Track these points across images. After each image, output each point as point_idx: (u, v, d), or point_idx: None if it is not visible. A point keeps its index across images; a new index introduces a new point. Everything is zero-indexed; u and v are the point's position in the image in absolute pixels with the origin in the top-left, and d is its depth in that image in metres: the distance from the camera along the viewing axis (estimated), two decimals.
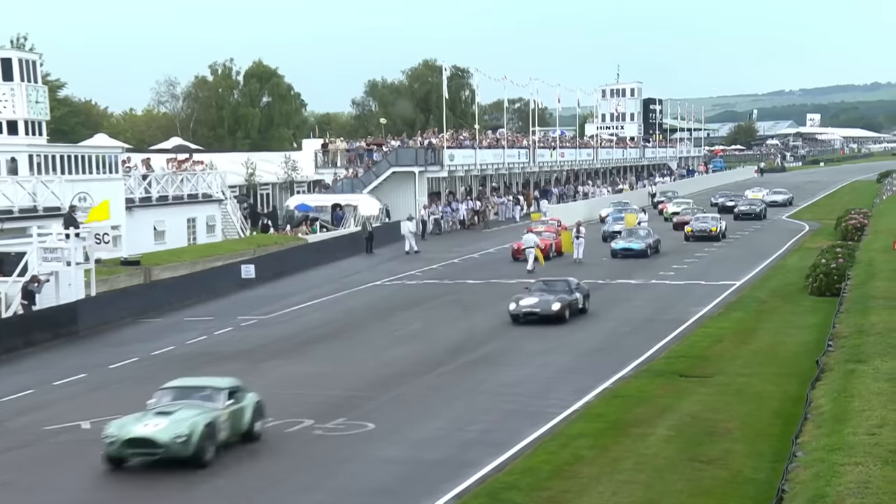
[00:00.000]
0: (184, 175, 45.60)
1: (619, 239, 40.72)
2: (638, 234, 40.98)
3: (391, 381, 20.43)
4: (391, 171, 55.48)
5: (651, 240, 40.37)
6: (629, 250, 39.51)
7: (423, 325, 27.10)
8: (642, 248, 39.53)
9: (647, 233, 41.08)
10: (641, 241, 39.98)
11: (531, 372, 20.92)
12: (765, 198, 67.22)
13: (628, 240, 40.25)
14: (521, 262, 37.79)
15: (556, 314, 25.40)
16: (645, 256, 38.98)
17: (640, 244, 39.72)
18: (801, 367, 19.81)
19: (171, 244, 42.01)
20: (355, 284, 35.77)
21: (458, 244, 48.11)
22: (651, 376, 19.96)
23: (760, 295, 29.92)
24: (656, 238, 41.09)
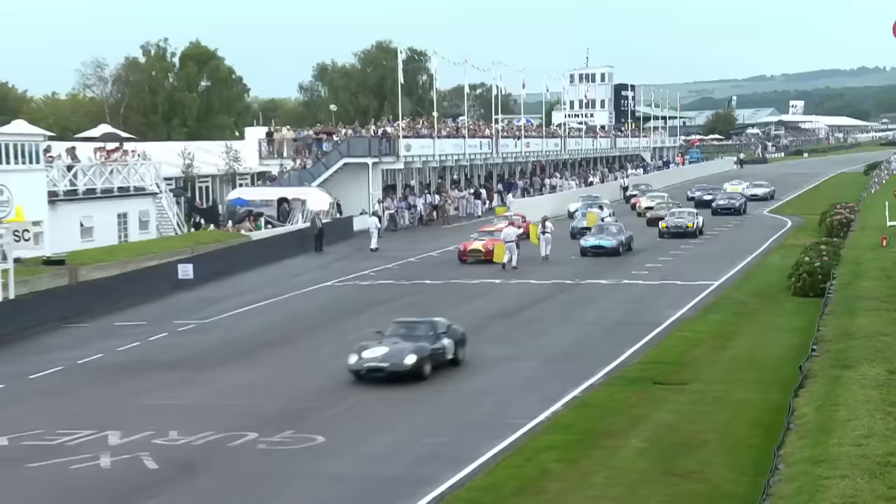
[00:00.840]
0: (114, 166, 45.12)
1: (589, 236, 40.90)
2: (609, 230, 41.18)
3: (343, 390, 20.37)
4: (342, 162, 55.33)
5: (623, 237, 40.55)
6: (600, 248, 39.64)
7: (377, 329, 27.05)
8: (614, 246, 39.64)
9: (618, 229, 41.27)
10: (613, 237, 40.12)
11: (494, 379, 20.96)
12: (745, 191, 67.82)
13: (599, 236, 40.35)
14: (470, 264, 37.34)
15: (411, 370, 20.39)
16: (616, 254, 39.19)
17: (611, 241, 39.87)
18: (783, 374, 20.01)
19: (99, 242, 41.57)
20: (304, 285, 35.64)
21: (415, 241, 48.10)
22: (623, 384, 20.08)
23: (740, 296, 30.20)
24: (629, 235, 41.32)
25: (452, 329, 22.26)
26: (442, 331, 21.81)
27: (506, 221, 46.05)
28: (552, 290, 32.72)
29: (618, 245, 39.76)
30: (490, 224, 47.15)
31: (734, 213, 57.26)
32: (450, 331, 22.08)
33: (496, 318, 28.17)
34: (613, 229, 41.38)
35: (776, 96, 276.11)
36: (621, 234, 40.70)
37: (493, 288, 33.77)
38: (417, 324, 21.89)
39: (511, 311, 29.19)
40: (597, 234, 40.78)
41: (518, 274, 36.43)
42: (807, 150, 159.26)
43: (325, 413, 18.73)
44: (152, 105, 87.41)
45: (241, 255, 41.47)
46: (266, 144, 59.01)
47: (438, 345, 21.33)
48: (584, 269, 37.16)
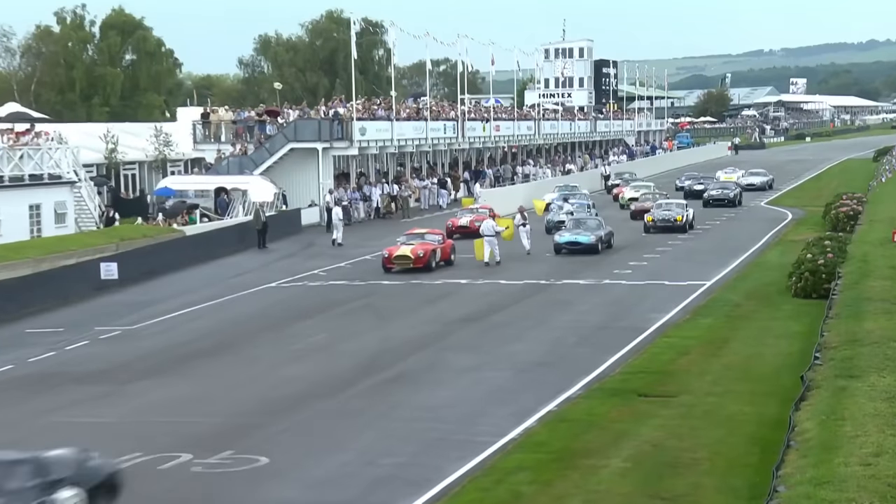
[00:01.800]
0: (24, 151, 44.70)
1: (565, 231, 40.95)
2: (587, 224, 41.26)
3: (288, 405, 20.33)
4: (288, 147, 55.18)
5: (602, 232, 40.65)
6: (576, 244, 39.70)
7: (327, 336, 27.04)
8: (592, 242, 39.70)
9: (597, 223, 41.37)
10: (591, 232, 40.19)
11: (459, 392, 20.99)
12: (740, 180, 68.39)
13: (575, 231, 40.37)
14: (395, 273, 37.22)
15: None
16: (595, 252, 39.33)
17: (588, 237, 39.93)
18: (782, 385, 20.16)
19: (8, 237, 41.20)
20: (244, 287, 35.57)
21: (370, 237, 48.08)
22: (604, 396, 20.16)
23: (734, 297, 30.42)
24: (608, 230, 41.49)
25: (87, 468, 13.74)
26: (58, 476, 13.20)
27: (471, 215, 46.40)
28: (524, 292, 32.81)
29: (596, 241, 39.79)
30: (463, 214, 47.39)
31: (728, 204, 57.70)
32: (81, 473, 13.53)
33: (461, 322, 28.20)
34: (592, 223, 41.44)
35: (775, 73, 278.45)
36: (600, 228, 40.81)
37: (458, 289, 33.81)
38: (9, 466, 12.93)
39: (478, 314, 29.24)
40: (573, 228, 40.81)
41: (486, 273, 36.49)
42: (809, 133, 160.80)
43: (268, 430, 18.68)
44: (68, 81, 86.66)
45: (173, 252, 41.28)
46: (201, 127, 58.72)
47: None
48: (559, 267, 37.28)
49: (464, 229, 45.82)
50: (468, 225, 45.69)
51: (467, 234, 44.94)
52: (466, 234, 45.11)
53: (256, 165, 54.47)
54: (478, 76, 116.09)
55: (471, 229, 44.68)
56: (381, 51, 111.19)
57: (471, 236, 43.54)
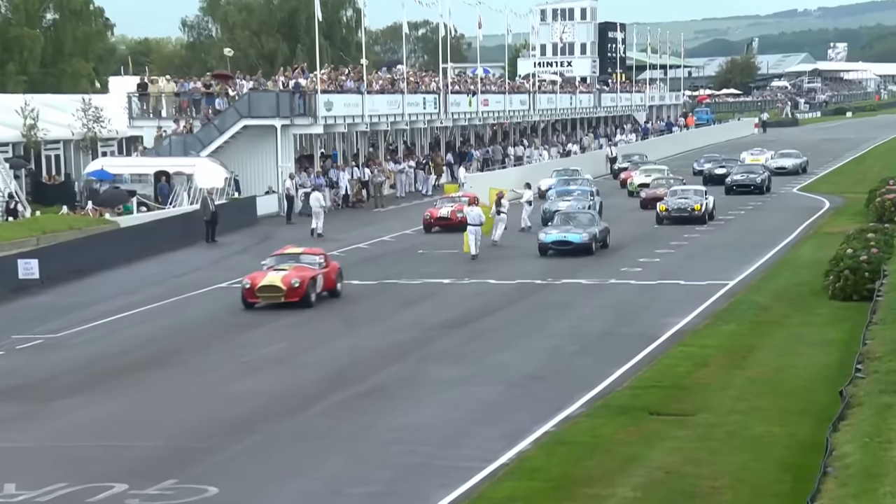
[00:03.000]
0: None
1: (551, 227, 40.16)
2: (578, 219, 40.39)
3: (242, 425, 20.32)
4: (241, 124, 55.09)
5: (596, 228, 39.73)
6: (565, 244, 38.80)
7: (287, 345, 27.03)
8: (584, 241, 38.76)
9: (590, 218, 40.71)
10: (583, 229, 39.29)
11: (442, 410, 21.00)
12: (768, 163, 68.59)
13: (564, 228, 39.52)
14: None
15: None
16: (588, 252, 38.53)
17: (580, 234, 39.01)
18: (817, 401, 20.24)
19: None
20: (190, 288, 35.54)
21: (338, 230, 48.05)
22: (609, 415, 20.20)
23: (761, 299, 30.52)
24: (604, 226, 40.54)
25: None
26: None
27: (453, 205, 46.35)
28: (517, 293, 32.85)
29: (589, 240, 38.90)
30: (443, 203, 47.21)
31: (754, 191, 57.90)
32: None
33: (444, 329, 28.23)
34: (583, 218, 40.53)
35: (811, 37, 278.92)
36: (594, 224, 39.98)
37: (441, 289, 33.83)
38: None
39: (464, 319, 29.26)
40: (562, 224, 39.99)
41: (473, 271, 36.52)
42: (850, 108, 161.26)
43: (218, 456, 18.67)
44: None
45: (106, 247, 41.17)
46: (138, 100, 58.58)
47: None
48: (556, 265, 37.33)
49: (444, 221, 45.92)
50: (449, 216, 45.81)
51: (448, 226, 44.99)
52: (447, 226, 45.18)
53: (204, 146, 54.38)
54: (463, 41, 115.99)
55: (452, 221, 44.75)
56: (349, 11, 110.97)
57: (453, 230, 43.63)
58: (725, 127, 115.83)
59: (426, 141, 72.07)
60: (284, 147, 55.54)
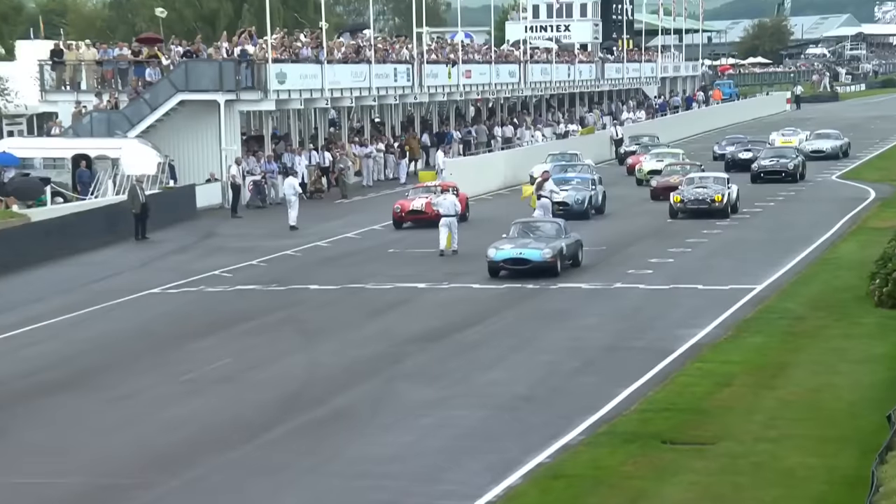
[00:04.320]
0: None
1: (505, 241, 36.41)
2: (539, 230, 37.09)
3: (179, 457, 20.28)
4: (177, 99, 54.92)
5: (563, 241, 36.23)
6: (520, 262, 35.44)
7: (233, 361, 26.97)
8: (546, 260, 35.36)
9: (556, 229, 37.03)
10: (545, 243, 35.93)
11: (416, 438, 20.99)
12: (803, 145, 68.60)
13: (521, 242, 36.07)
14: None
15: None
16: (552, 273, 35.22)
17: (539, 251, 35.55)
18: (860, 428, 20.29)
19: None
20: (116, 293, 35.43)
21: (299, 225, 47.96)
22: (615, 443, 20.22)
23: (794, 307, 30.55)
24: (574, 240, 36.96)
25: None
26: None
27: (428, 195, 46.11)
28: (505, 299, 32.88)
29: (553, 258, 35.40)
30: (415, 194, 47.23)
31: (786, 178, 57.88)
32: None
33: (419, 342, 28.24)
34: (547, 229, 37.06)
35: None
36: (561, 237, 36.56)
37: (414, 296, 33.80)
38: None
39: (442, 331, 29.24)
40: (518, 237, 36.59)
41: (453, 274, 36.44)
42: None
43: (150, 493, 18.61)
44: None
45: (13, 246, 41.02)
46: (52, 69, 58.37)
47: None
48: None
49: (418, 215, 46.00)
50: (423, 209, 45.84)
51: (423, 220, 45.11)
52: (422, 220, 45.29)
53: (132, 124, 54.18)
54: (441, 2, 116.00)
55: (428, 215, 44.85)
56: None
57: (427, 224, 43.59)
58: (752, 103, 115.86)
59: (398, 120, 71.97)
60: (229, 127, 55.30)
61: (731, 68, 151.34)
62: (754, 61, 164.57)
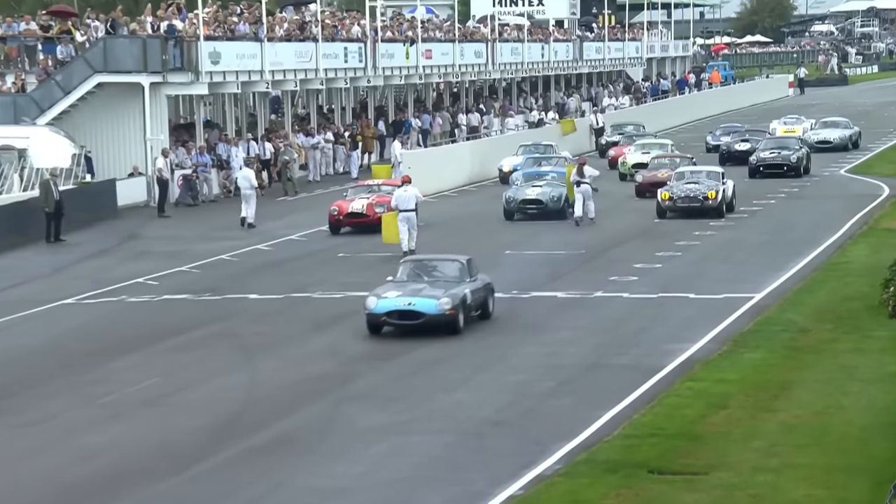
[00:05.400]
0: None
1: (391, 285, 31.03)
2: (437, 271, 31.66)
3: (98, 490, 20.20)
4: (94, 81, 54.69)
5: (467, 288, 30.74)
6: (410, 316, 30.11)
7: (160, 381, 26.91)
8: (444, 312, 29.96)
9: (459, 269, 31.44)
10: (442, 289, 30.46)
11: (369, 467, 20.98)
12: (807, 135, 68.81)
13: (411, 288, 30.61)
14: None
15: None
16: (452, 329, 30.09)
17: (435, 299, 30.11)
18: (873, 455, 20.31)
19: None
20: (24, 305, 35.29)
21: (230, 224, 47.89)
22: (595, 473, 20.21)
23: (798, 319, 30.63)
24: (482, 283, 31.61)
25: None
26: None
27: (370, 195, 45.31)
28: None
29: (453, 309, 29.91)
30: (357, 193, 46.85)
31: (789, 172, 58.10)
32: None
33: (372, 359, 28.28)
34: (447, 270, 31.50)
35: None
36: (464, 280, 31.05)
37: None
38: None
39: (399, 346, 29.25)
40: (408, 280, 31.18)
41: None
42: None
43: None
44: None
45: None
46: None
47: None
48: (525, 271, 37.51)
49: (357, 219, 45.30)
50: (363, 211, 45.21)
51: (364, 225, 44.42)
52: (362, 225, 44.53)
53: (42, 110, 53.95)
54: None
55: (369, 219, 44.25)
56: None
57: (369, 229, 43.33)
58: (749, 87, 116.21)
59: (349, 106, 71.88)
60: (155, 113, 55.06)
61: (727, 48, 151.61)
62: (752, 40, 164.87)
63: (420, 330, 30.01)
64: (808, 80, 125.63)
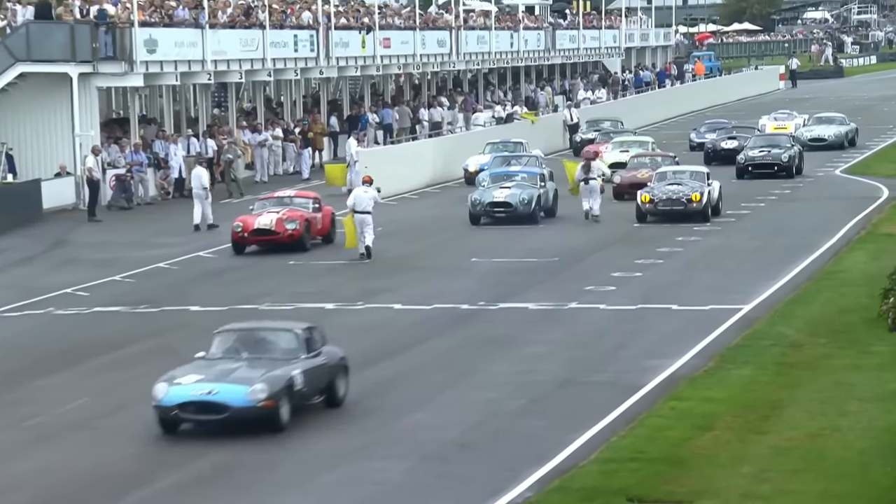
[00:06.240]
0: None
1: (194, 366, 25.44)
2: (264, 343, 26.12)
3: None
4: (16, 71, 54.52)
5: (298, 366, 25.17)
6: (210, 409, 24.39)
7: (91, 402, 26.88)
8: (256, 403, 24.26)
9: (292, 341, 25.98)
10: (261, 369, 24.87)
11: (321, 497, 21.04)
12: (800, 132, 69.03)
13: (219, 370, 25.04)
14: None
15: None
16: (273, 425, 24.58)
17: (246, 386, 24.43)
18: (873, 481, 20.43)
19: None
20: None
21: (167, 229, 47.81)
22: (570, 501, 20.25)
23: (790, 332, 30.72)
24: (326, 359, 26.05)
25: None
26: None
27: (281, 209, 43.52)
28: (433, 323, 33.02)
29: (269, 400, 24.28)
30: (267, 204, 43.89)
31: (780, 172, 58.28)
32: None
33: None
34: (280, 342, 26.05)
35: None
36: (297, 356, 25.61)
37: (321, 319, 33.61)
38: None
39: (354, 363, 29.02)
40: (221, 358, 25.62)
41: (370, 292, 36.45)
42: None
43: None
44: None
45: None
46: None
47: None
48: (493, 280, 37.66)
49: (264, 235, 42.52)
50: (272, 227, 42.22)
51: (273, 244, 42.41)
52: (272, 244, 42.47)
53: None
54: None
55: (280, 236, 42.22)
56: None
57: (279, 249, 41.91)
58: (737, 79, 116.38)
59: (299, 99, 71.80)
60: (84, 107, 54.91)
61: (712, 36, 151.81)
62: (740, 28, 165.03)
63: (223, 427, 24.36)
64: (800, 72, 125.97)
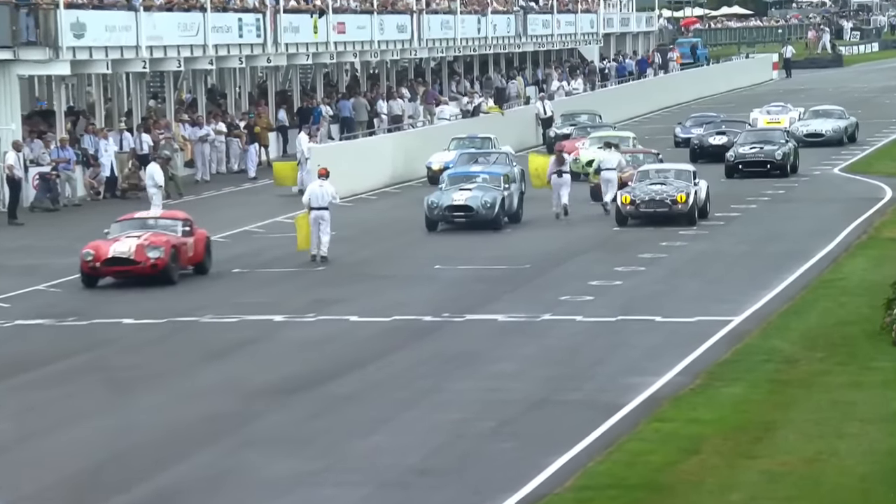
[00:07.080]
0: None
1: None
2: None
3: None
4: None
5: None
6: None
7: (11, 427, 26.78)
8: None
9: None
10: None
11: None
12: (794, 126, 69.20)
13: None
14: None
15: None
16: None
17: None
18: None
19: None
20: None
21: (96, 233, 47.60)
22: None
23: (784, 346, 30.78)
24: None
25: None
26: None
27: (143, 232, 42.74)
28: (393, 337, 33.02)
29: None
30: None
31: (773, 171, 58.50)
32: None
33: (275, 395, 28.26)
34: None
35: None
36: None
37: (269, 332, 33.75)
38: None
39: (307, 380, 29.32)
40: None
41: (322, 302, 36.45)
42: None
43: None
44: None
45: None
46: None
47: None
48: (460, 289, 37.85)
49: (121, 265, 39.55)
50: (131, 256, 39.25)
51: (134, 275, 39.71)
52: (131, 275, 39.79)
53: None
54: None
55: (139, 265, 39.27)
56: None
57: (142, 282, 39.03)
58: (727, 68, 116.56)
59: (245, 90, 71.81)
60: (4, 98, 54.96)
61: (699, 22, 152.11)
62: (729, 12, 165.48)
63: None
64: (795, 61, 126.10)
